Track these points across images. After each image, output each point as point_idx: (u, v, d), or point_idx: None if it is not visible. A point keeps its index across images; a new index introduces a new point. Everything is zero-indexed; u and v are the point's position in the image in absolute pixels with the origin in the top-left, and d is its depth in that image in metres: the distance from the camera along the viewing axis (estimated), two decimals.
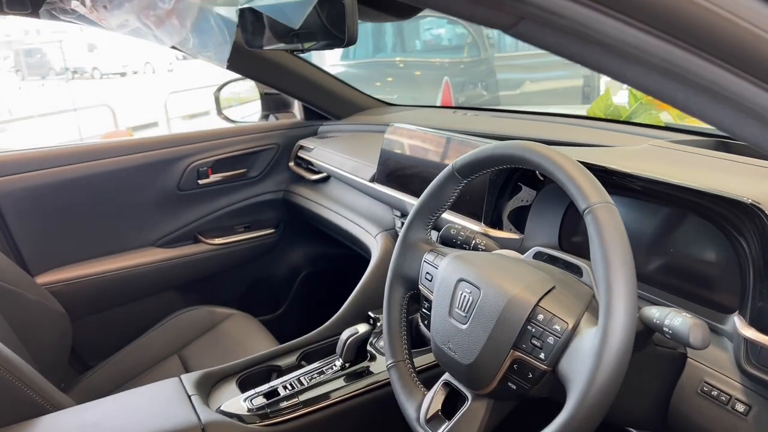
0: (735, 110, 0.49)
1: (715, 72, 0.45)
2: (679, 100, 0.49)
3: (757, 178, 0.90)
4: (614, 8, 0.40)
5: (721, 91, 0.46)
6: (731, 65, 0.44)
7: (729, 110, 0.49)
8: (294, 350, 1.36)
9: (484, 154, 0.89)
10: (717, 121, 0.51)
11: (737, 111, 0.49)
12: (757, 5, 0.41)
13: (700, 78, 0.45)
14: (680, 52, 0.43)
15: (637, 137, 1.32)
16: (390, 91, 6.79)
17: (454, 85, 5.93)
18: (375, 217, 1.65)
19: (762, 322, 0.75)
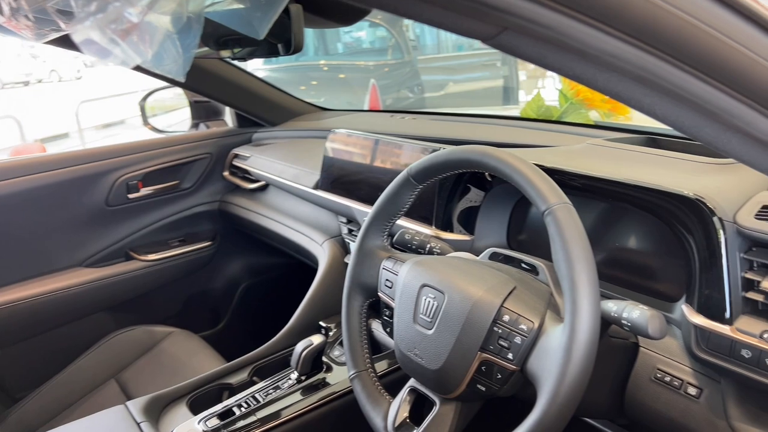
0: (695, 113, 0.52)
1: (682, 77, 0.47)
2: (645, 104, 0.51)
3: (694, 173, 0.95)
4: (594, 17, 0.41)
5: (684, 95, 0.48)
6: (697, 71, 0.46)
7: (689, 113, 0.52)
8: (245, 366, 1.32)
9: (440, 159, 0.90)
10: (678, 123, 0.54)
11: (697, 113, 0.52)
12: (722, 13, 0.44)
13: (668, 83, 0.47)
14: (652, 59, 0.45)
15: (574, 136, 1.37)
16: (316, 95, 6.74)
17: (380, 87, 5.96)
18: (320, 225, 1.63)
19: (709, 309, 0.79)
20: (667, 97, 0.50)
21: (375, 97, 5.37)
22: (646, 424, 0.90)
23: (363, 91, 6.05)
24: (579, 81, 0.49)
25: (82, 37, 0.39)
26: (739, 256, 0.77)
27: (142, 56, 0.42)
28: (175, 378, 1.50)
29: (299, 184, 1.61)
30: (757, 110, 0.50)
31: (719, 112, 0.50)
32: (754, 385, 0.76)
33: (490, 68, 6.78)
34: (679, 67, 0.45)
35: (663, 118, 0.53)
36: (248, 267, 2.17)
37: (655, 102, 0.51)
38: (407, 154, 1.28)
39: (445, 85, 6.62)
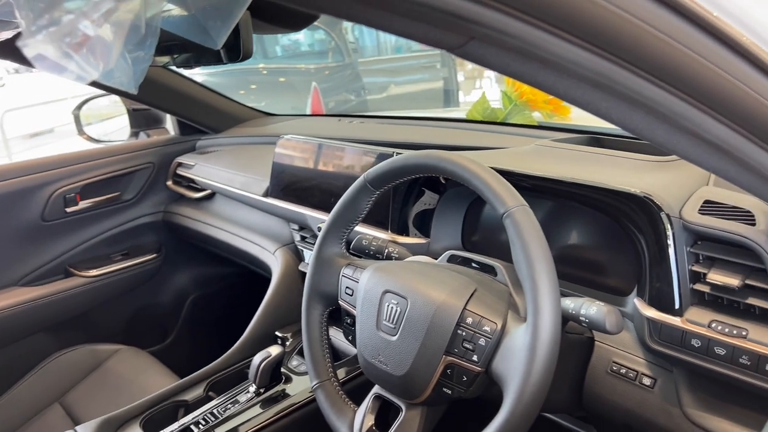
0: (648, 116, 0.54)
1: (637, 82, 0.48)
2: (602, 108, 0.53)
3: (638, 171, 0.99)
4: (558, 26, 0.42)
5: (639, 99, 0.50)
6: (652, 76, 0.48)
7: (643, 116, 0.54)
8: (200, 381, 1.29)
9: (397, 165, 0.90)
10: (631, 126, 0.56)
11: (650, 116, 0.54)
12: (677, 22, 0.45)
13: (624, 88, 0.49)
14: (609, 65, 0.46)
15: (521, 138, 1.40)
16: (256, 99, 6.64)
17: (321, 90, 5.93)
18: (271, 233, 1.60)
19: (660, 302, 0.82)
20: (623, 102, 0.51)
21: (317, 100, 5.34)
22: (604, 415, 0.93)
23: (304, 94, 6.01)
24: (540, 87, 0.50)
25: (34, 51, 0.37)
26: (686, 250, 0.80)
27: (96, 70, 0.40)
28: (125, 398, 1.44)
29: (248, 192, 1.58)
30: (706, 113, 0.52)
31: (671, 114, 0.52)
32: (704, 372, 0.79)
33: (430, 70, 6.86)
34: (634, 73, 0.47)
35: (618, 121, 0.55)
36: (195, 278, 2.11)
37: (611, 106, 0.52)
38: (360, 159, 1.28)
39: (386, 87, 6.65)
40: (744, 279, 0.75)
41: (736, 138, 0.56)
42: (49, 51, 0.37)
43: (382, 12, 0.40)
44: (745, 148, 0.57)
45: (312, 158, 1.40)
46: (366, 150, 1.27)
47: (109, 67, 0.40)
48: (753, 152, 0.58)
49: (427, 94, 6.74)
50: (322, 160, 1.37)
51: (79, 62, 0.38)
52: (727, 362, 0.76)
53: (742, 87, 0.51)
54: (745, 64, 0.51)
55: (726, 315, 0.78)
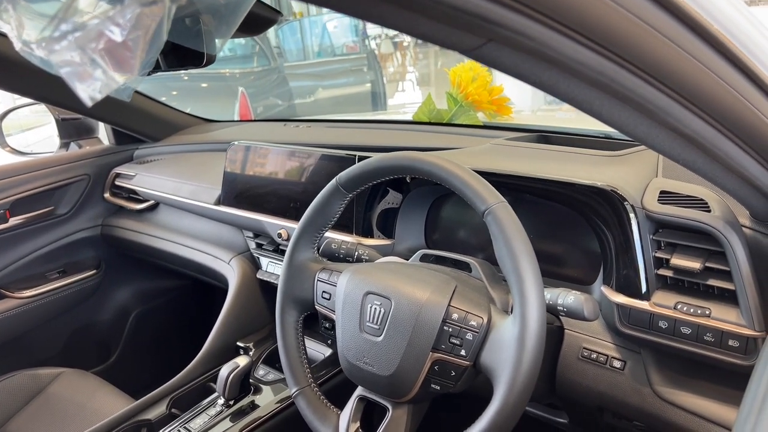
0: (636, 112, 0.57)
1: (633, 80, 0.52)
2: (595, 105, 0.56)
3: (596, 165, 1.04)
4: (571, 28, 0.44)
5: (632, 96, 0.54)
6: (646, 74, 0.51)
7: (631, 112, 0.57)
8: (161, 399, 1.24)
9: (371, 167, 0.90)
10: (619, 122, 0.59)
11: (638, 112, 0.57)
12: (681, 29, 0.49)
13: (621, 87, 0.52)
14: (611, 65, 0.49)
15: (472, 138, 1.44)
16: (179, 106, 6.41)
17: (248, 95, 5.83)
18: (224, 242, 1.56)
19: (628, 288, 0.87)
20: (615, 99, 0.55)
21: (245, 105, 5.24)
22: (577, 399, 0.97)
23: (229, 99, 5.88)
24: (542, 86, 0.53)
25: (60, 57, 0.35)
26: (650, 238, 0.86)
27: (121, 77, 0.38)
28: (76, 423, 1.37)
29: (199, 201, 1.54)
30: (688, 108, 0.56)
31: (656, 110, 0.56)
32: (672, 351, 0.85)
33: (356, 73, 6.90)
34: (631, 72, 0.50)
35: (607, 117, 0.58)
36: (138, 293, 2.02)
37: (604, 104, 0.56)
38: (320, 164, 1.28)
39: (314, 91, 6.62)
40: (704, 262, 0.81)
41: (710, 131, 0.60)
42: (75, 57, 0.35)
43: (411, 14, 0.41)
44: (716, 140, 0.62)
45: (267, 164, 1.38)
46: (325, 154, 1.27)
47: (133, 75, 0.38)
48: (723, 144, 0.63)
49: (354, 97, 6.77)
50: (278, 165, 1.36)
51: (106, 69, 0.37)
52: (693, 340, 0.82)
53: (721, 83, 0.55)
54: (725, 62, 0.55)
55: (689, 296, 0.83)
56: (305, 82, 6.68)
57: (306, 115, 6.35)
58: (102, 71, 0.37)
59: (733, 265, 0.78)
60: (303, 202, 1.29)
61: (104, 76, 0.37)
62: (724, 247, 0.79)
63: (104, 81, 0.37)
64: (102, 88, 0.37)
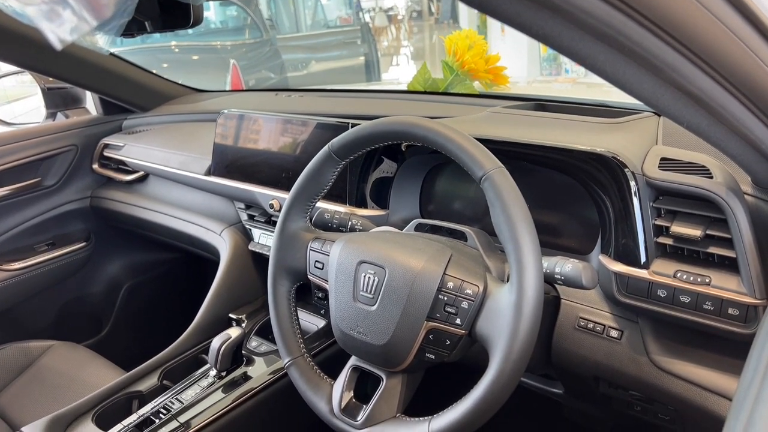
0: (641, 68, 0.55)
1: (641, 33, 0.49)
2: (599, 61, 0.53)
3: (594, 132, 1.01)
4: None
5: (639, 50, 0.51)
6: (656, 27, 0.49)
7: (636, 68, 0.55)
8: (152, 371, 1.23)
9: (365, 132, 0.88)
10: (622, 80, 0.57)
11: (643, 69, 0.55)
12: None
13: (628, 40, 0.49)
14: (620, 16, 0.46)
15: (468, 107, 1.41)
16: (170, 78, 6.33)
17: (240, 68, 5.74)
18: (215, 213, 1.54)
19: (627, 257, 0.86)
20: (621, 54, 0.52)
21: (237, 77, 5.16)
22: (573, 369, 0.96)
23: (220, 72, 5.79)
24: (544, 39, 0.50)
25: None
26: (649, 205, 0.84)
27: (93, 20, 0.35)
28: (68, 395, 1.35)
29: (189, 172, 1.51)
30: (697, 65, 0.53)
31: (663, 66, 0.54)
32: (670, 320, 0.84)
33: (350, 46, 6.80)
34: (640, 24, 0.47)
35: (611, 74, 0.55)
36: (129, 266, 2.00)
37: (609, 59, 0.53)
38: (312, 132, 1.24)
39: (307, 63, 6.53)
40: (705, 229, 0.79)
41: (717, 90, 0.58)
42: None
43: None
44: (723, 99, 0.59)
45: (258, 133, 1.35)
46: (318, 122, 1.24)
47: (105, 17, 0.35)
48: (729, 104, 0.60)
49: (348, 70, 6.68)
50: (270, 134, 1.32)
51: (76, 9, 0.34)
52: (692, 309, 0.80)
53: (733, 39, 0.53)
54: (738, 16, 0.52)
55: (688, 264, 0.82)
56: (298, 55, 6.58)
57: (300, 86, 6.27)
58: (72, 12, 0.34)
59: (735, 233, 0.76)
60: (295, 172, 1.26)
61: (74, 17, 0.34)
62: (726, 214, 0.77)
63: (75, 23, 0.34)
64: (72, 30, 0.34)
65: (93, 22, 0.35)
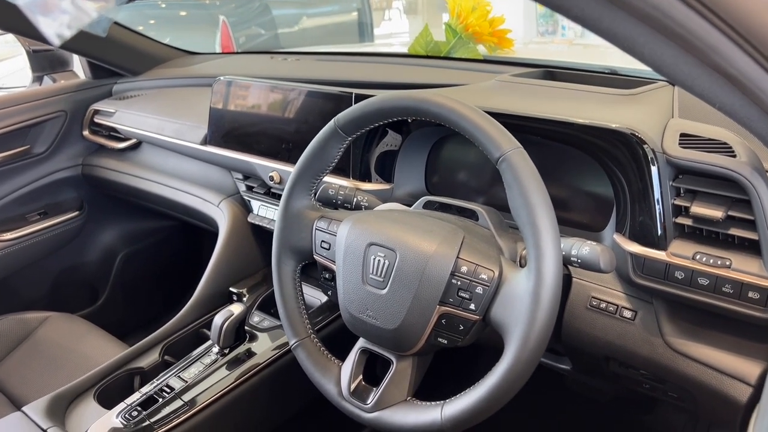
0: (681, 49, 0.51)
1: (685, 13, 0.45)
2: (638, 44, 0.50)
3: (609, 105, 0.98)
4: None
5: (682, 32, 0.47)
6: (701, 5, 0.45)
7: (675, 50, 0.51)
8: (153, 346, 1.21)
9: (373, 108, 0.84)
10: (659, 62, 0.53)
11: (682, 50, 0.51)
12: None
13: (671, 20, 0.46)
14: None
15: (471, 73, 1.36)
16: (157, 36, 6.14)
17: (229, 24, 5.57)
18: (212, 184, 1.50)
19: (644, 237, 0.83)
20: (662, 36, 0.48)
21: (227, 35, 5.00)
22: (584, 349, 0.95)
23: (209, 29, 5.61)
24: (583, 21, 0.46)
25: None
26: (669, 185, 0.81)
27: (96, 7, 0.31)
28: (67, 369, 1.34)
29: (184, 141, 1.46)
30: (739, 45, 0.50)
31: (704, 47, 0.50)
32: (685, 302, 0.82)
33: (341, 1, 6.60)
34: (689, 5, 0.44)
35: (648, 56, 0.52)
36: (125, 234, 1.96)
37: (648, 41, 0.49)
38: (313, 102, 1.20)
39: (298, 19, 6.34)
40: (726, 210, 0.77)
41: (757, 71, 0.54)
42: None
43: None
44: (762, 81, 0.56)
45: (256, 101, 1.30)
46: (320, 91, 1.19)
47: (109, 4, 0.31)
48: None
49: (340, 27, 6.50)
50: (268, 103, 1.27)
51: None
52: (710, 291, 0.78)
53: None
54: None
55: (707, 246, 0.79)
56: (288, 10, 6.39)
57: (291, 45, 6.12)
58: (70, 1, 0.30)
59: (759, 214, 0.74)
60: (296, 143, 1.22)
61: (73, 7, 0.30)
62: (749, 194, 0.74)
63: (73, 13, 0.30)
64: (71, 22, 0.30)
65: (94, 12, 0.31)
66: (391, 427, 0.81)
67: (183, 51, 1.94)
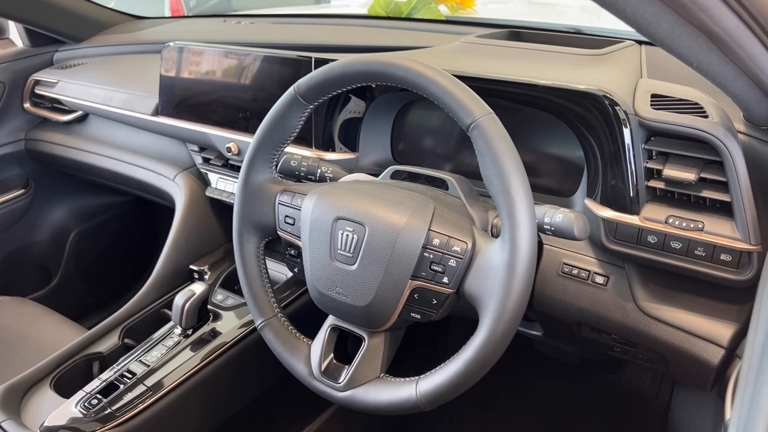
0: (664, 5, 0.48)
1: None
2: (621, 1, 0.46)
3: (579, 66, 0.95)
4: None
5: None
6: None
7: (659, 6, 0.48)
8: (113, 329, 1.15)
9: (335, 73, 0.79)
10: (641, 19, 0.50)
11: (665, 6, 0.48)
12: None
13: None
14: None
15: (434, 34, 1.32)
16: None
17: None
18: (166, 157, 1.42)
19: (617, 201, 0.81)
20: None
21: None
22: (556, 315, 0.94)
23: None
24: None
25: None
26: (641, 147, 0.79)
27: None
28: (20, 355, 1.27)
29: (134, 112, 1.38)
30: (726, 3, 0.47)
31: (689, 2, 0.47)
32: (658, 266, 0.81)
33: None
34: None
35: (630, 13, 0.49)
36: (76, 211, 1.87)
37: None
38: (269, 67, 1.13)
39: None
40: (699, 172, 0.75)
41: (740, 28, 0.52)
42: None
43: None
44: (743, 39, 0.53)
45: (209, 68, 1.22)
46: (277, 56, 1.12)
47: None
48: (749, 43, 0.54)
49: None
50: (223, 70, 1.20)
51: None
52: (683, 255, 0.78)
53: None
54: None
55: (680, 209, 0.78)
56: None
57: (244, 7, 5.90)
58: None
59: (731, 176, 0.73)
60: (253, 112, 1.16)
61: None
62: (722, 156, 0.73)
63: None
64: None
65: None
66: (365, 406, 0.78)
67: (129, 15, 1.83)
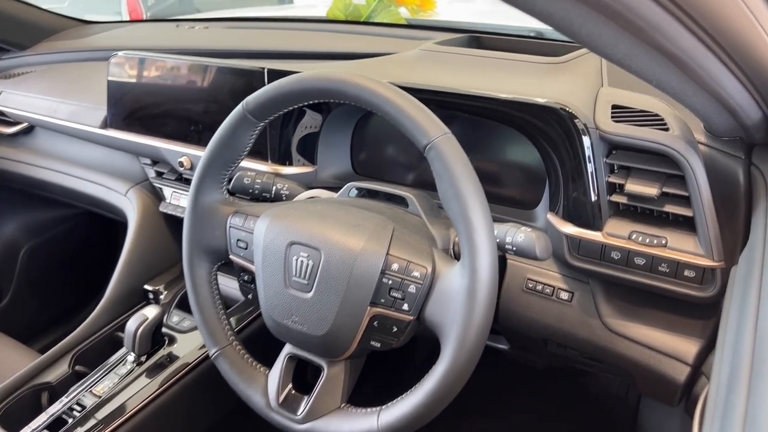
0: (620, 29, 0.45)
1: None
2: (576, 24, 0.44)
3: (537, 76, 0.93)
4: None
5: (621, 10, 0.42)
6: None
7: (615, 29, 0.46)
8: (62, 356, 1.10)
9: (284, 91, 0.75)
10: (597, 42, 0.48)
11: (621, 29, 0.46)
12: None
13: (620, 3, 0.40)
14: None
15: (395, 40, 1.28)
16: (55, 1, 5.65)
17: None
18: (117, 171, 1.36)
19: (579, 217, 0.79)
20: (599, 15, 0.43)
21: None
22: (521, 331, 0.92)
23: None
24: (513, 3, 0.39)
25: None
26: (603, 161, 0.77)
27: None
28: None
29: (81, 124, 1.31)
30: (684, 24, 0.45)
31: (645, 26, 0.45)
32: (622, 282, 0.80)
33: None
34: None
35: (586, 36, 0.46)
36: (26, 226, 1.78)
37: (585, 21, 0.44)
38: (221, 78, 1.08)
39: None
40: (661, 187, 0.74)
41: (699, 49, 0.50)
42: None
43: None
44: (703, 59, 0.52)
45: (159, 79, 1.17)
46: (228, 67, 1.07)
47: None
48: (708, 63, 0.53)
49: None
50: (173, 80, 1.15)
51: None
52: (647, 271, 0.76)
53: None
54: None
55: (643, 224, 0.77)
56: None
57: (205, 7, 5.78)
58: None
59: (693, 190, 0.71)
60: (206, 125, 1.11)
61: None
62: (683, 170, 0.72)
63: None
64: None
65: None
66: None
67: (77, 20, 1.75)
